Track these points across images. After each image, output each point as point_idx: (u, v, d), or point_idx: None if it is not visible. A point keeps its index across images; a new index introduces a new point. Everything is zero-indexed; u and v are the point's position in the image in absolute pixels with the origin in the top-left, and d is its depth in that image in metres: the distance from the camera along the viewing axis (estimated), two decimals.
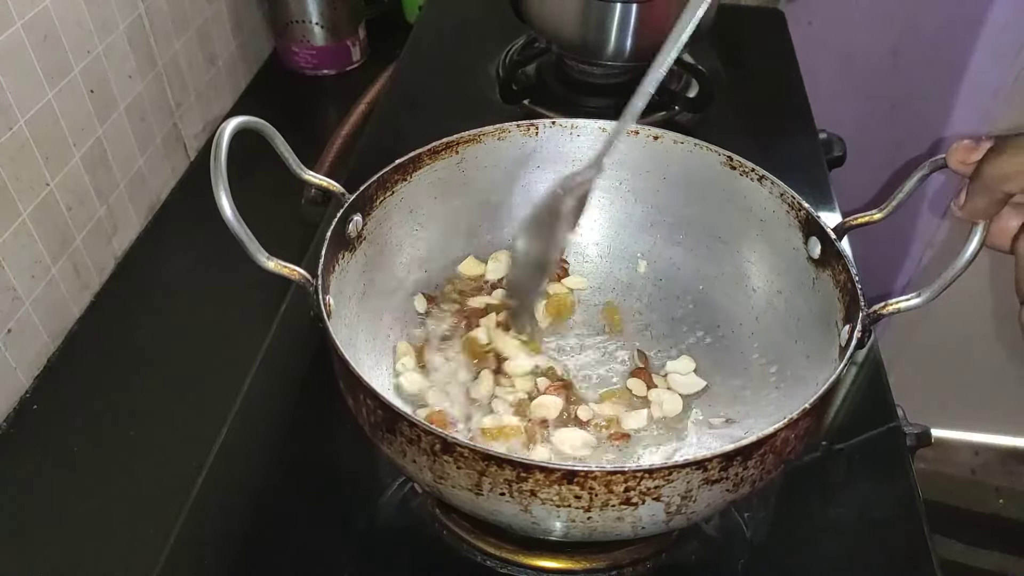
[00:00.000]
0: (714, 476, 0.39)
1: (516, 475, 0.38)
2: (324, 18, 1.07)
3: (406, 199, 0.57)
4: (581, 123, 0.60)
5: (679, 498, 0.39)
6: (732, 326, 0.58)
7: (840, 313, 0.48)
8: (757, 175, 0.55)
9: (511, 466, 0.37)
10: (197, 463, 0.55)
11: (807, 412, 0.40)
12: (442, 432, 0.38)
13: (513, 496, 0.39)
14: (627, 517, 0.39)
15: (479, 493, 0.40)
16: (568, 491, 0.38)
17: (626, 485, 0.38)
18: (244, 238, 0.41)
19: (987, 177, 0.37)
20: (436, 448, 0.39)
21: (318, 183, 0.50)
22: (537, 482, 0.38)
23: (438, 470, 0.40)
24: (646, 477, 0.37)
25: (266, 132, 0.45)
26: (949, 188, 1.12)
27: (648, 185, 0.61)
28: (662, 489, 0.38)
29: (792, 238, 0.53)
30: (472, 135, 0.58)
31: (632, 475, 0.37)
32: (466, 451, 0.38)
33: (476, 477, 0.39)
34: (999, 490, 1.45)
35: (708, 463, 0.38)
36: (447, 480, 0.40)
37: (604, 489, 0.38)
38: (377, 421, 0.42)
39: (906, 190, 0.47)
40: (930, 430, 0.60)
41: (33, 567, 0.61)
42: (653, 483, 0.38)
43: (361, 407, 0.43)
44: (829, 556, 0.53)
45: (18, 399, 0.71)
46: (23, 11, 0.66)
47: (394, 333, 0.57)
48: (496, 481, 0.38)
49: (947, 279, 0.42)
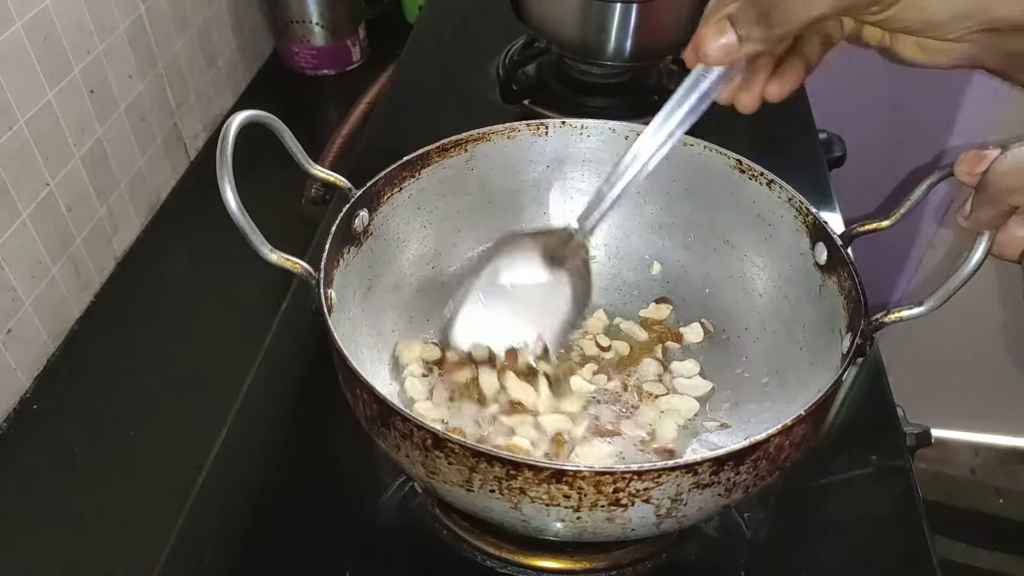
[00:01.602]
0: (705, 480, 0.38)
1: (506, 472, 0.38)
2: (324, 18, 1.07)
3: (414, 196, 0.57)
4: (591, 123, 0.60)
5: (669, 501, 0.39)
6: (737, 331, 0.58)
7: (844, 320, 0.47)
8: (766, 179, 0.54)
9: (500, 463, 0.37)
10: (197, 463, 0.55)
11: (801, 419, 0.39)
12: (433, 427, 0.38)
13: (503, 493, 0.39)
14: (616, 518, 0.39)
15: (470, 489, 0.40)
16: (557, 490, 0.38)
17: (615, 486, 0.37)
18: (248, 230, 0.41)
19: (992, 188, 0.37)
20: (428, 443, 0.39)
21: (326, 177, 0.51)
22: (526, 480, 0.38)
23: (430, 465, 0.40)
24: (635, 479, 0.37)
25: (274, 126, 0.45)
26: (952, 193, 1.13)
27: (657, 187, 0.60)
28: (652, 491, 0.38)
29: (799, 243, 0.53)
30: (481, 133, 0.58)
31: (621, 476, 0.37)
32: (456, 447, 0.38)
33: (467, 473, 0.39)
34: (999, 490, 1.45)
35: (698, 467, 0.37)
36: (439, 476, 0.40)
37: (593, 489, 0.37)
38: (373, 415, 0.42)
39: (914, 198, 0.47)
40: (930, 430, 0.60)
41: (33, 567, 0.61)
42: (642, 485, 0.37)
43: (358, 401, 0.43)
44: (829, 556, 0.53)
45: (18, 399, 0.71)
46: (23, 11, 0.66)
47: (398, 329, 0.57)
48: (486, 478, 0.38)
49: (951, 288, 0.41)
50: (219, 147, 0.40)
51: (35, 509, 0.64)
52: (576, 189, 0.62)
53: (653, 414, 0.54)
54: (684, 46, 0.41)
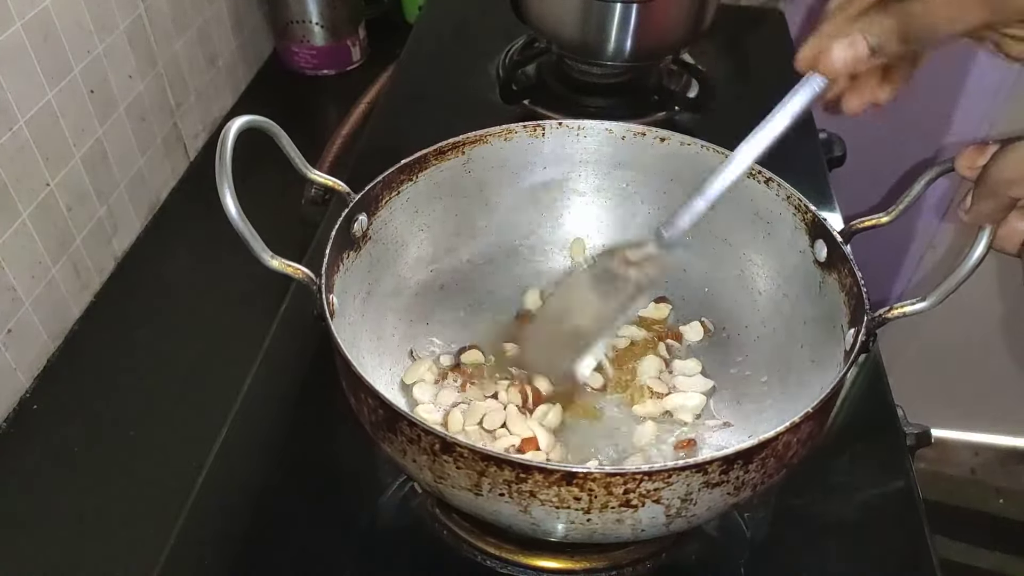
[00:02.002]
0: (715, 479, 0.38)
1: (515, 476, 0.38)
2: (324, 18, 1.07)
3: (412, 199, 0.57)
4: (588, 124, 0.60)
5: (679, 501, 0.39)
6: (738, 329, 0.58)
7: (845, 317, 0.47)
8: (764, 177, 0.54)
9: (510, 467, 0.37)
10: (197, 463, 0.55)
11: (809, 416, 0.40)
12: (442, 432, 0.38)
13: (512, 497, 0.39)
14: (627, 519, 0.39)
15: (479, 494, 0.40)
16: (567, 492, 0.38)
17: (625, 487, 0.37)
18: (248, 237, 0.41)
19: (993, 182, 0.37)
20: (436, 448, 0.39)
21: (323, 182, 0.50)
22: (536, 483, 0.38)
23: (438, 470, 0.40)
24: (645, 479, 0.37)
25: (272, 131, 0.45)
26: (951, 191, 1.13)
27: (655, 187, 0.61)
28: (662, 492, 0.38)
29: (798, 241, 0.53)
30: (478, 136, 0.58)
31: (632, 477, 0.37)
32: (465, 451, 0.38)
33: (476, 477, 0.39)
34: (999, 490, 1.45)
35: (708, 466, 0.38)
36: (447, 480, 0.40)
37: (603, 491, 0.37)
38: (378, 420, 0.42)
39: (913, 194, 0.47)
40: (930, 430, 0.60)
41: (33, 567, 0.61)
42: (652, 485, 0.37)
43: (363, 406, 0.43)
44: (829, 556, 0.53)
45: (18, 399, 0.71)
46: (23, 11, 0.66)
47: (398, 332, 0.57)
48: (495, 482, 0.38)
49: (952, 284, 0.41)
50: (218, 154, 0.40)
51: (35, 509, 0.64)
52: (574, 190, 0.62)
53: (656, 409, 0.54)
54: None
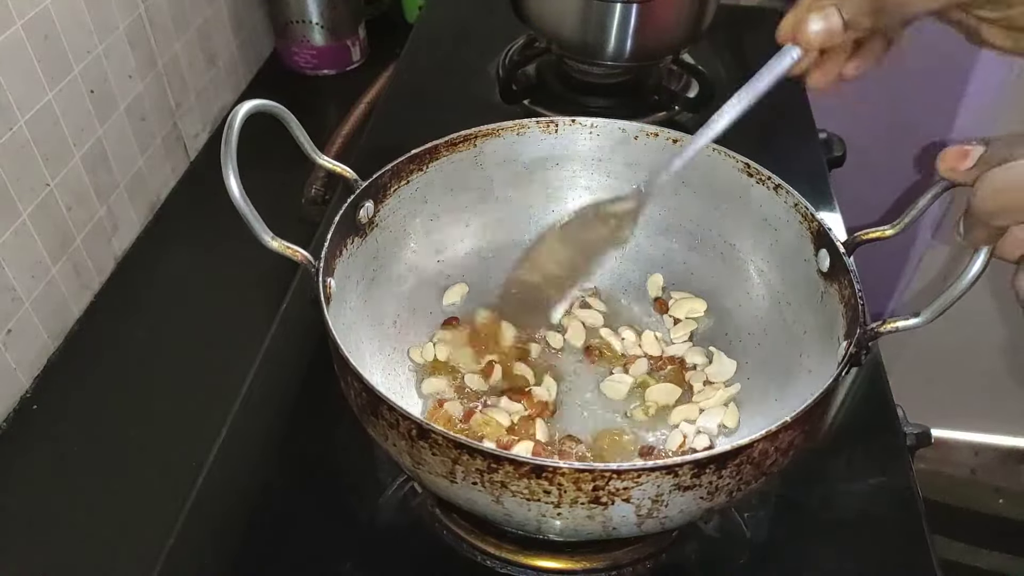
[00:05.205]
0: (686, 482, 0.38)
1: (487, 465, 0.38)
2: (324, 18, 1.07)
3: (421, 189, 0.57)
4: (601, 122, 0.60)
5: (650, 502, 0.39)
6: (740, 334, 0.58)
7: (842, 328, 0.47)
8: (773, 183, 0.54)
9: (482, 456, 0.38)
10: (197, 463, 0.55)
11: (787, 425, 0.39)
12: (418, 418, 0.39)
13: (485, 486, 0.39)
14: (597, 516, 0.39)
15: (453, 480, 0.40)
16: (537, 485, 0.38)
17: (594, 484, 0.37)
18: (250, 217, 0.42)
19: (978, 213, 0.36)
20: (413, 433, 0.39)
21: (332, 168, 0.51)
22: (507, 474, 0.38)
23: (415, 455, 0.40)
24: (614, 477, 0.37)
25: (282, 116, 0.45)
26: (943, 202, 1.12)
27: (666, 188, 0.60)
28: (632, 491, 0.38)
29: (804, 249, 0.53)
30: (491, 129, 0.58)
31: (600, 474, 0.37)
32: (440, 438, 0.38)
33: (450, 464, 0.39)
34: (999, 490, 1.45)
35: (679, 468, 0.37)
36: (424, 466, 0.41)
37: (572, 486, 0.38)
38: (363, 404, 0.43)
39: (919, 207, 0.46)
40: (930, 430, 0.60)
41: (33, 567, 0.61)
42: (622, 484, 0.37)
43: (350, 389, 0.44)
44: (829, 556, 0.53)
45: (18, 399, 0.71)
46: (23, 11, 0.66)
47: (400, 320, 0.57)
48: (468, 470, 0.39)
49: (947, 301, 0.40)
50: (224, 135, 0.41)
51: (35, 509, 0.64)
52: (584, 187, 0.62)
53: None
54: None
